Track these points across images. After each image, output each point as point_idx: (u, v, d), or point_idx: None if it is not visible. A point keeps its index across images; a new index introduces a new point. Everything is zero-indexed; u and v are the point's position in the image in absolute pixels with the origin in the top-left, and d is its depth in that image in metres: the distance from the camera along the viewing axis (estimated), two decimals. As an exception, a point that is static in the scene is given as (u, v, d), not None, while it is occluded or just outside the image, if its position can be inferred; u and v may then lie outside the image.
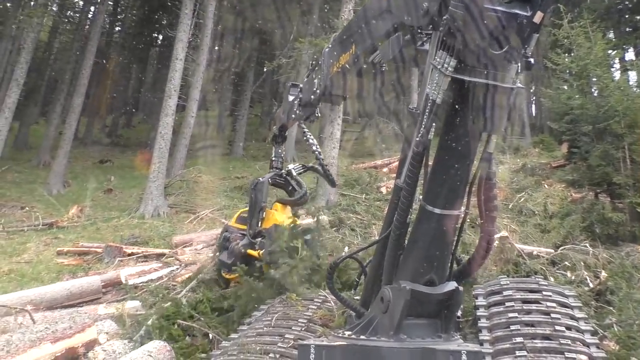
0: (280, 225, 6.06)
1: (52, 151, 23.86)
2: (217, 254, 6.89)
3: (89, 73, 23.34)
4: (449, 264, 3.10)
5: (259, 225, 6.30)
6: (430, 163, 2.96)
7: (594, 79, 11.39)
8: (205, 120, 25.69)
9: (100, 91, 32.68)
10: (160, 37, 37.84)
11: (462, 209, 2.99)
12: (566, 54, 12.20)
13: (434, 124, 2.76)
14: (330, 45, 4.61)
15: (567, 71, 12.08)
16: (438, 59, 2.68)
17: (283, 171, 6.83)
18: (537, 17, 2.57)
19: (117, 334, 6.23)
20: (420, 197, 3.00)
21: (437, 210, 2.88)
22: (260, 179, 6.58)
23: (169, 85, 17.89)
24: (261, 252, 5.99)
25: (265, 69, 31.50)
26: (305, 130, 6.36)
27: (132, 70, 40.76)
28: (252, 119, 36.58)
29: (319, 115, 5.86)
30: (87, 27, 29.42)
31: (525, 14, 2.54)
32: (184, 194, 17.97)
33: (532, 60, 2.75)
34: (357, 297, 4.12)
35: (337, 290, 4.09)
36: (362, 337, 2.94)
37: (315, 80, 4.98)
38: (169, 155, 18.06)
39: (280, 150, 6.94)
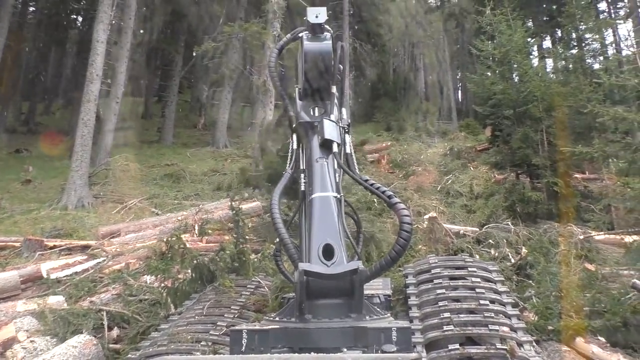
0: None
1: (-39, 141, 22.09)
2: None
3: (0, 57, 21.63)
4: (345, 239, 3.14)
5: None
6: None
7: (515, 65, 11.95)
8: (131, 107, 24.58)
9: (14, 75, 30.36)
10: (80, 18, 35.72)
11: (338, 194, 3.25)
12: (489, 41, 12.67)
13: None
14: None
15: (490, 57, 12.55)
16: None
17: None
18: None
19: (39, 330, 5.90)
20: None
21: (315, 195, 3.21)
22: None
23: (90, 70, 16.92)
24: None
25: (194, 53, 30.51)
26: None
27: (51, 54, 38.13)
28: (182, 104, 35.44)
29: None
30: (-3, 6, 27.21)
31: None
32: (111, 183, 17.15)
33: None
34: None
35: (285, 268, 4.05)
36: (285, 319, 2.92)
37: None
38: (93, 144, 17.16)
39: None
